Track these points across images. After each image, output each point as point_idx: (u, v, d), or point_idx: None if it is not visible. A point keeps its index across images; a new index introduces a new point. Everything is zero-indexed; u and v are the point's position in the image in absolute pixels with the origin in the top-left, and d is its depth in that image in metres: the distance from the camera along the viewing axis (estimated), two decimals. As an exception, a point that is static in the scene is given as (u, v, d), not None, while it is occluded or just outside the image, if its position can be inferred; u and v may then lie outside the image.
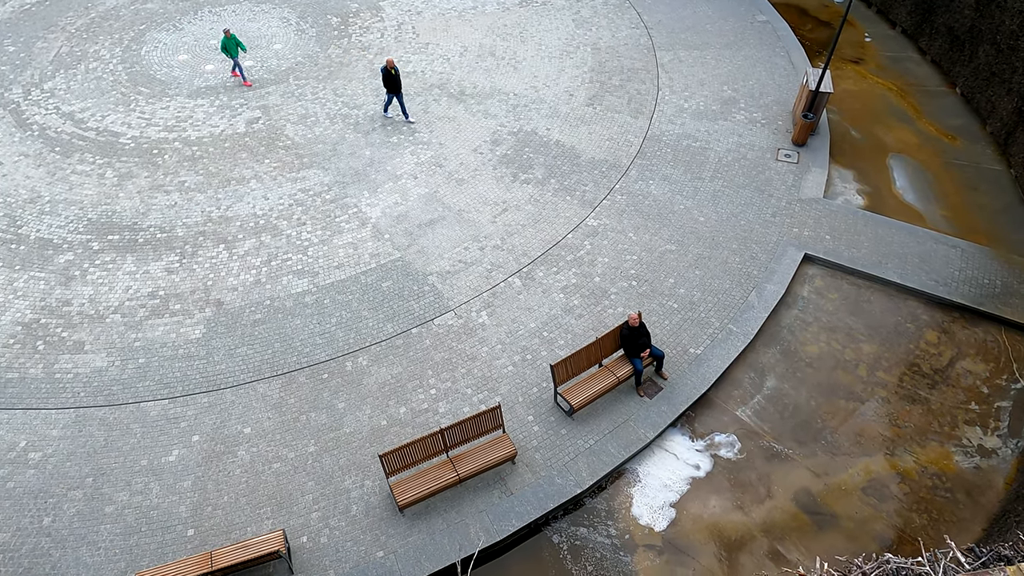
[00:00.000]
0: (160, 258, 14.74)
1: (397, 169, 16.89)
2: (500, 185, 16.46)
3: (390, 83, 17.27)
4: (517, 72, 20.07)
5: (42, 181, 16.59)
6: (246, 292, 14.03)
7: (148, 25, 22.08)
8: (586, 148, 17.48)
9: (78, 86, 19.53)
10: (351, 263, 14.61)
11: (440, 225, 15.46)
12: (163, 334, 13.26)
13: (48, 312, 13.67)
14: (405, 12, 22.72)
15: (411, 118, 18.17)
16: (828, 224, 15.31)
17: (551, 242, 15.08)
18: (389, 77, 17.15)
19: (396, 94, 17.53)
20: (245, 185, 16.46)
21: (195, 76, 19.90)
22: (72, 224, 15.51)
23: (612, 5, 23.07)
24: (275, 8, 22.91)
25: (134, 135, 17.88)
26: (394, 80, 17.19)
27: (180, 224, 15.50)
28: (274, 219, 15.61)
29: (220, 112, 18.61)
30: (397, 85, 17.29)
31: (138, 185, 16.47)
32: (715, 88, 19.36)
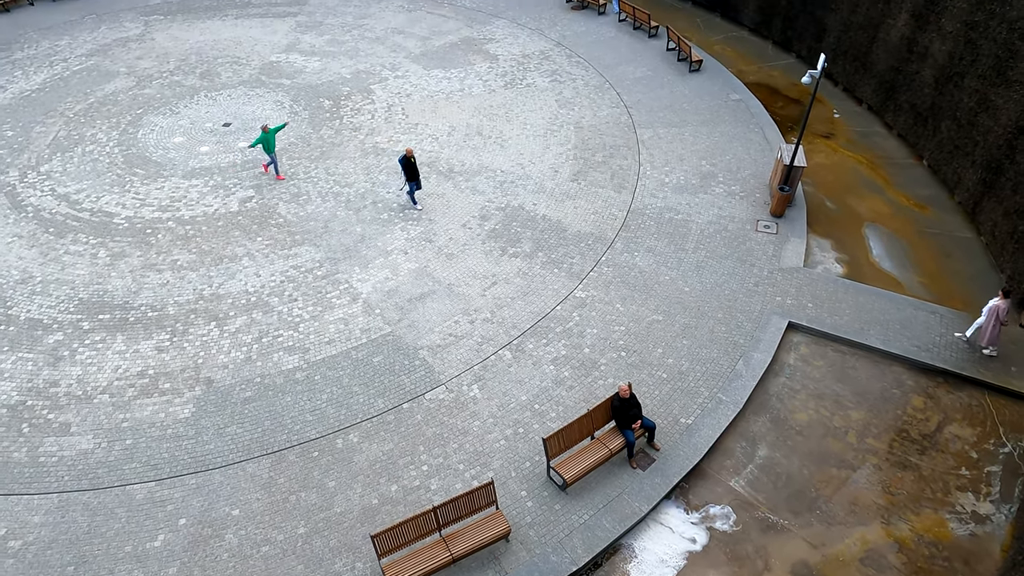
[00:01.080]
0: (151, 336, 14.76)
1: (388, 245, 17.24)
2: (489, 259, 16.80)
3: (410, 171, 17.52)
4: (504, 150, 20.81)
5: (34, 262, 16.73)
6: (236, 369, 14.01)
7: (145, 109, 22.80)
8: (572, 222, 17.98)
9: (74, 168, 19.97)
10: (342, 339, 14.70)
11: (431, 299, 15.68)
12: (151, 414, 13.14)
13: (35, 394, 13.54)
14: (395, 95, 23.68)
15: (418, 205, 18.44)
16: (810, 292, 15.70)
17: (540, 314, 15.30)
18: (409, 165, 17.42)
19: (415, 181, 17.78)
20: (237, 263, 16.68)
21: (190, 157, 20.44)
22: (63, 304, 15.56)
23: (593, 86, 24.20)
24: (269, 92, 23.79)
25: (128, 215, 18.19)
26: (413, 168, 17.51)
27: (172, 302, 15.60)
28: (266, 296, 15.77)
29: (214, 192, 19.04)
30: (416, 173, 17.61)
31: (131, 264, 16.64)
32: (694, 163, 20.14)
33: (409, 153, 17.28)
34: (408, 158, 17.35)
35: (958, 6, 18.35)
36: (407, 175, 17.64)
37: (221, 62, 25.75)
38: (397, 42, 27.28)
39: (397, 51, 26.58)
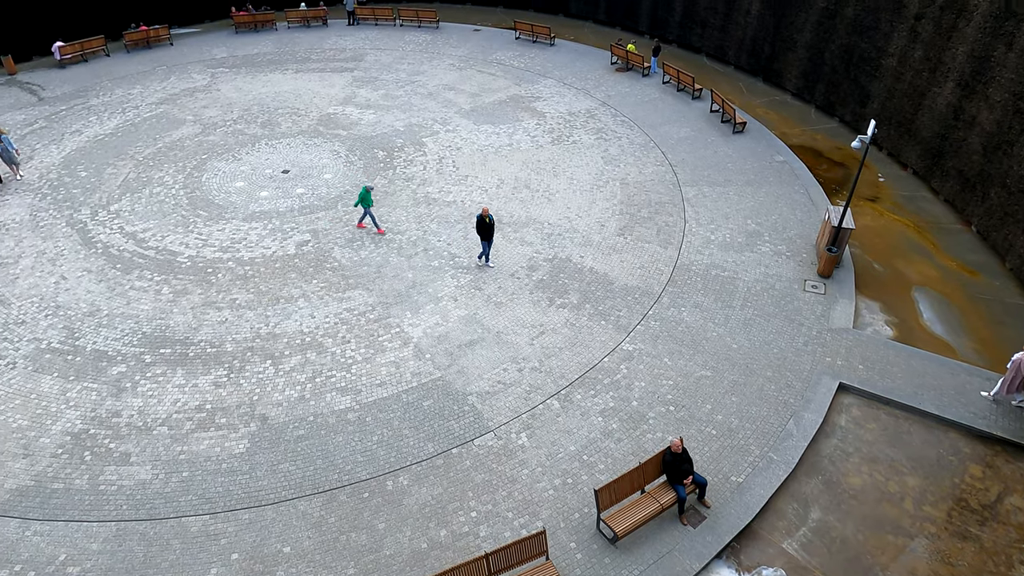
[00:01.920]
0: (209, 372, 15.22)
1: (438, 291, 17.65)
2: (537, 309, 17.08)
3: (484, 231, 17.67)
4: (551, 203, 21.33)
5: (102, 296, 17.47)
6: (290, 408, 14.33)
7: (209, 155, 23.96)
8: (619, 275, 18.24)
9: (142, 208, 20.97)
10: (393, 381, 14.98)
11: (480, 346, 15.94)
12: (208, 448, 13.45)
13: (97, 423, 13.99)
14: (446, 148, 24.54)
15: (490, 263, 18.50)
16: (860, 354, 15.60)
17: (588, 365, 15.43)
18: (483, 225, 17.55)
19: (488, 240, 17.90)
20: (293, 304, 17.21)
21: (250, 201, 21.34)
22: (127, 337, 16.17)
23: (638, 145, 24.81)
24: (326, 142, 24.86)
25: (191, 255, 18.97)
26: (488, 228, 17.62)
27: (230, 339, 16.10)
28: (320, 337, 16.19)
29: (272, 235, 19.79)
30: (490, 233, 17.75)
31: (192, 301, 17.28)
32: (739, 221, 20.39)
33: (485, 213, 17.42)
34: (483, 218, 17.49)
35: (1006, 76, 18.62)
36: (481, 234, 17.79)
37: (281, 113, 27.04)
38: (448, 98, 28.40)
39: (448, 106, 27.65)
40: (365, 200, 19.23)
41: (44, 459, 13.21)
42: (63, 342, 16.01)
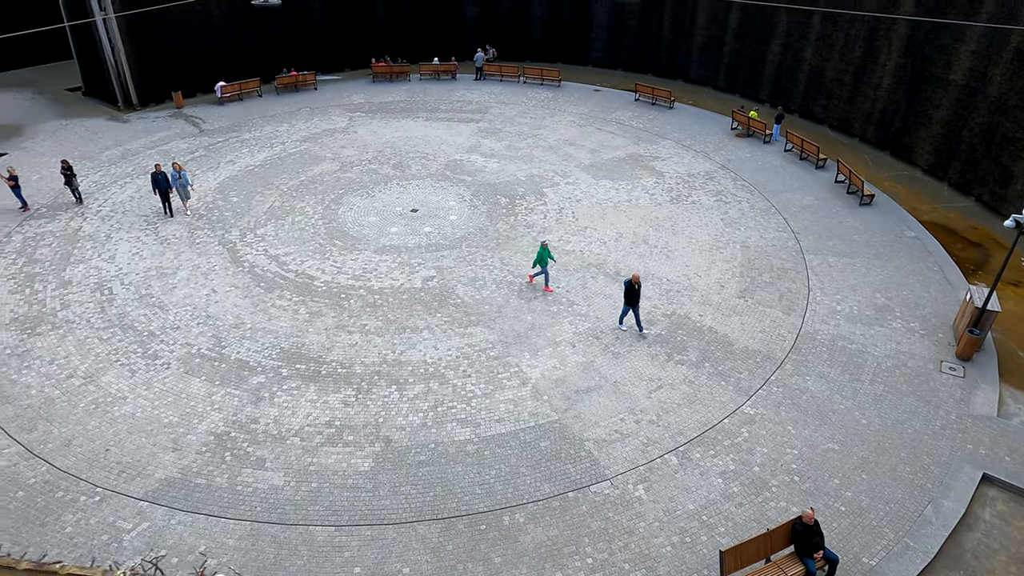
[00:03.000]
0: (339, 391, 16.04)
1: (556, 336, 17.96)
2: (655, 363, 17.04)
3: (631, 296, 17.41)
4: (669, 260, 21.42)
5: (246, 310, 18.88)
6: (413, 433, 14.84)
7: (346, 190, 25.70)
8: (739, 337, 17.97)
9: (284, 234, 22.66)
10: (511, 419, 15.26)
11: (596, 394, 16.03)
12: (335, 462, 14.10)
13: (238, 427, 14.98)
14: (565, 199, 25.25)
15: (644, 330, 18.03)
16: (1006, 445, 14.57)
17: (707, 424, 15.18)
18: (632, 291, 17.30)
19: (634, 307, 17.64)
20: (418, 334, 17.97)
21: (381, 236, 22.63)
22: (267, 350, 17.34)
23: (759, 209, 24.63)
24: (452, 186, 26.14)
25: (326, 280, 20.24)
26: (635, 294, 17.35)
27: (359, 362, 16.96)
28: (442, 368, 16.78)
29: (400, 268, 20.85)
30: (637, 298, 17.47)
31: (326, 323, 18.37)
32: (867, 294, 19.72)
33: (636, 279, 17.20)
34: (633, 284, 17.24)
35: None
36: (627, 299, 17.53)
37: (412, 156, 28.73)
38: (568, 152, 29.32)
39: (568, 160, 28.52)
40: (543, 258, 19.11)
41: (190, 455, 14.24)
42: (211, 349, 17.36)
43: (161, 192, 23.16)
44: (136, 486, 13.48)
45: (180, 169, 23.26)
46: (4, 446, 14.40)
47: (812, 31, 32.19)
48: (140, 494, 13.29)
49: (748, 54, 35.60)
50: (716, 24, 36.59)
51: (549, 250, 19.54)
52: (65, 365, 16.77)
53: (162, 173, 22.96)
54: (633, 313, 17.90)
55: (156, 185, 23.01)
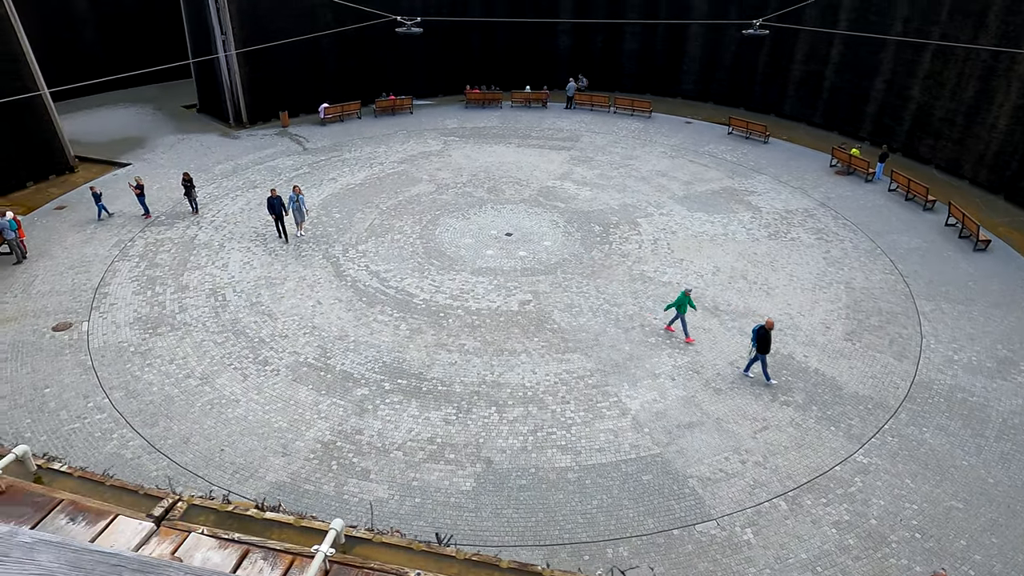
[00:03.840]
0: (440, 408, 16.26)
1: (655, 368, 17.71)
2: (759, 402, 16.55)
3: (764, 343, 16.58)
4: (770, 297, 20.87)
5: (350, 323, 19.46)
6: (514, 456, 14.85)
7: (442, 212, 26.30)
8: (847, 381, 17.26)
9: (384, 251, 23.34)
10: (611, 449, 15.07)
11: (699, 430, 15.67)
12: (438, 479, 14.24)
13: (343, 437, 15.36)
14: (660, 230, 25.05)
15: (772, 380, 17.09)
16: None
17: (816, 471, 14.57)
18: (765, 338, 16.52)
19: (765, 354, 16.83)
20: (516, 357, 18.07)
21: (477, 257, 22.99)
22: (370, 364, 17.78)
23: (863, 250, 23.76)
24: (546, 212, 26.37)
25: (425, 298, 20.68)
26: (769, 341, 16.60)
27: (458, 381, 17.17)
28: (540, 393, 16.79)
29: (497, 291, 21.09)
30: (769, 346, 16.71)
31: (425, 340, 18.72)
32: (987, 345, 18.64)
33: (770, 325, 16.50)
34: (767, 329, 16.47)
35: None
36: (759, 346, 16.62)
37: (505, 181, 29.19)
38: (661, 183, 29.16)
39: (661, 191, 28.36)
40: (682, 305, 18.14)
41: (299, 460, 14.68)
42: (317, 359, 17.94)
43: (276, 216, 23.37)
44: (249, 487, 13.97)
45: (299, 192, 23.63)
46: (129, 439, 15.23)
47: (921, 68, 31.12)
48: (253, 495, 13.76)
49: (849, 90, 34.69)
50: (816, 59, 35.87)
51: (691, 299, 18.37)
52: (183, 365, 17.66)
53: (277, 198, 23.12)
54: (761, 361, 16.99)
55: (272, 209, 23.21)
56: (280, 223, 23.68)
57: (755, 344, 16.69)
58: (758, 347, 16.70)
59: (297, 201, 23.58)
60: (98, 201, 24.88)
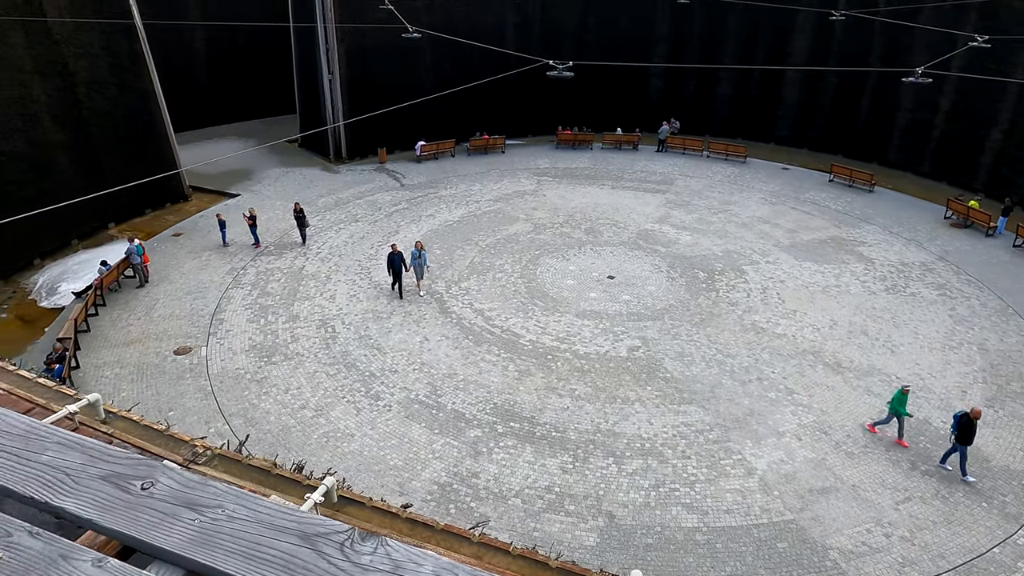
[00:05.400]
0: (555, 455, 15.81)
1: (779, 425, 16.82)
2: (897, 470, 15.42)
3: (966, 434, 14.74)
4: (895, 356, 19.69)
5: (458, 361, 19.36)
6: (637, 512, 14.21)
7: (541, 251, 26.21)
8: (995, 453, 15.93)
9: (487, 289, 23.32)
10: (740, 511, 14.25)
11: (833, 496, 14.66)
12: (560, 531, 13.72)
13: (459, 479, 15.07)
14: (768, 279, 24.19)
15: (970, 478, 15.04)
16: None
17: (972, 552, 13.35)
18: (969, 428, 14.69)
19: (966, 446, 14.92)
20: (630, 406, 17.51)
21: (580, 300, 22.67)
22: (480, 404, 17.55)
23: (993, 309, 22.26)
24: (647, 256, 25.93)
25: (531, 339, 20.43)
26: (973, 431, 14.75)
27: (572, 428, 16.71)
28: (659, 445, 16.14)
29: (604, 335, 20.66)
30: (972, 437, 14.79)
31: (535, 383, 18.40)
32: None
33: (976, 414, 14.73)
34: (972, 419, 14.68)
35: None
36: (960, 435, 14.78)
37: (602, 223, 28.96)
38: (764, 230, 28.32)
39: (765, 238, 27.52)
40: (899, 404, 15.89)
41: (416, 501, 14.41)
42: (428, 396, 17.84)
43: (395, 272, 22.12)
44: (369, 526, 13.77)
45: (422, 249, 22.42)
46: (250, 467, 15.33)
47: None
48: (373, 534, 13.53)
49: (961, 139, 33.16)
50: (924, 106, 34.52)
51: (907, 398, 15.93)
52: (298, 395, 17.86)
53: (399, 254, 22.01)
54: (960, 454, 15.01)
55: (391, 265, 22.08)
56: (398, 280, 22.37)
57: (955, 432, 14.98)
58: (958, 437, 14.87)
59: (420, 258, 22.27)
60: (223, 228, 25.90)
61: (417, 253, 22.31)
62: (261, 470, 5.16)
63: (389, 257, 22.28)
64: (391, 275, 22.47)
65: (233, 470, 5.09)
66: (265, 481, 5.07)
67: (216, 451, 5.19)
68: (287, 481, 5.12)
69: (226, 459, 5.23)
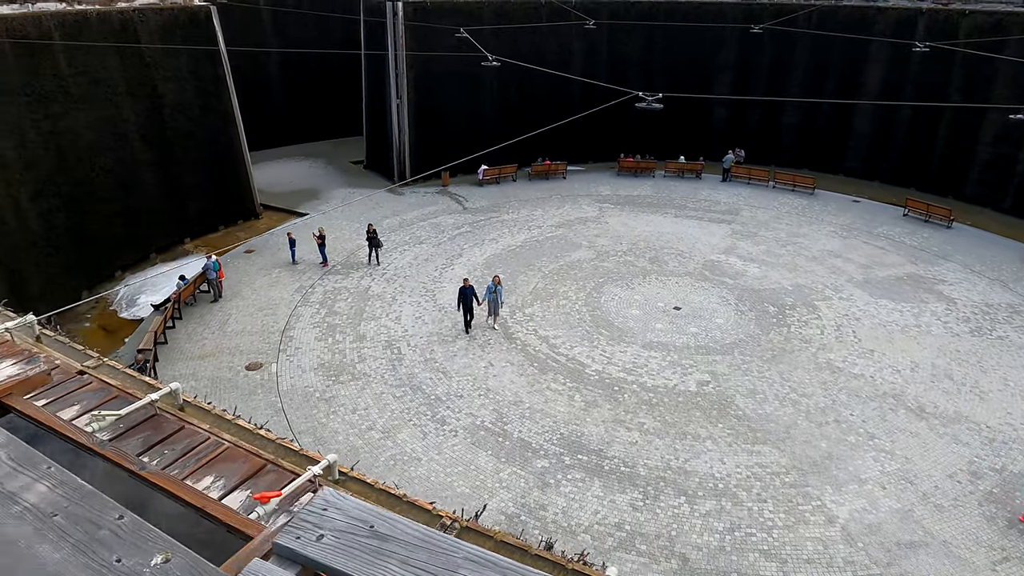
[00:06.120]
0: (624, 491, 15.42)
1: (860, 472, 16.05)
2: (992, 526, 14.49)
3: None
4: (984, 403, 18.65)
5: (523, 389, 19.21)
6: (711, 556, 13.70)
7: (605, 279, 25.97)
8: (1101, 514, 14.82)
9: (551, 316, 23.17)
10: (822, 561, 13.58)
11: (923, 552, 13.85)
12: (632, 572, 13.31)
13: (527, 511, 14.83)
14: (842, 316, 23.35)
15: None
16: None
17: (1081, 622, 12.37)
18: None
19: None
20: (700, 443, 17.01)
21: (647, 331, 22.30)
22: (547, 434, 17.32)
23: (1090, 356, 20.94)
24: (714, 288, 25.39)
25: (597, 369, 20.14)
26: None
27: (642, 463, 16.31)
28: (732, 486, 15.58)
29: (671, 368, 20.22)
30: None
31: (602, 415, 18.08)
32: None
33: None
34: None
35: None
36: None
37: (666, 252, 28.57)
38: (835, 265, 27.45)
39: (837, 273, 26.65)
40: None
41: (484, 531, 14.23)
42: (494, 423, 17.72)
43: (466, 307, 21.37)
44: (437, 554, 13.62)
45: (499, 284, 21.72)
46: (319, 487, 15.43)
47: None
48: (441, 563, 13.39)
49: (1048, 176, 31.67)
50: (1008, 141, 33.13)
51: None
52: (365, 416, 17.97)
53: (471, 288, 21.36)
54: None
55: (463, 300, 21.34)
56: (469, 315, 21.60)
57: None
58: None
59: (495, 292, 21.53)
60: (292, 247, 26.58)
61: (493, 288, 21.51)
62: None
63: (460, 291, 21.47)
64: (460, 309, 21.63)
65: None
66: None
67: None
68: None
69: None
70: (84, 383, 4.97)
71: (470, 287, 21.53)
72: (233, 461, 4.55)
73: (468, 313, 21.58)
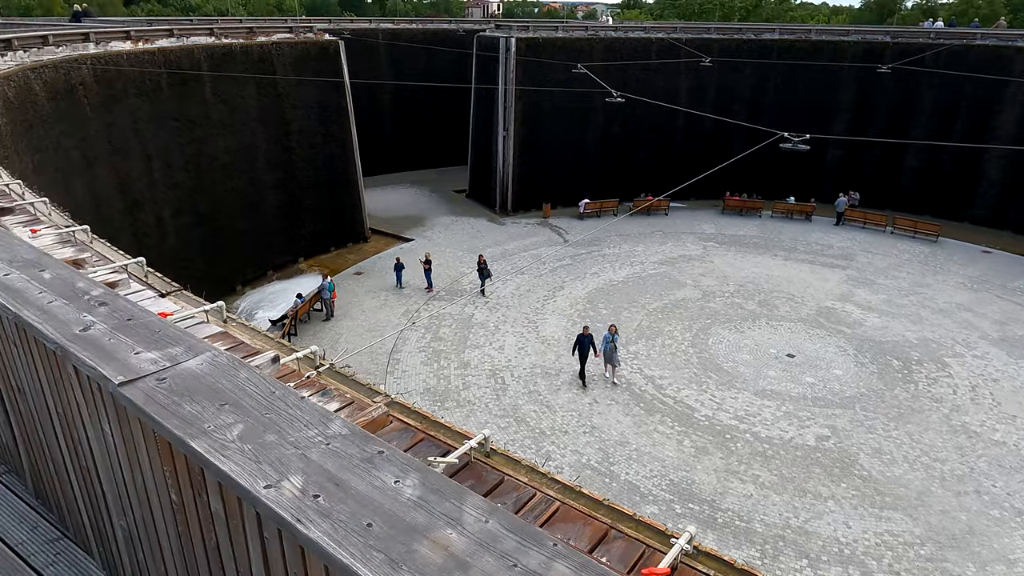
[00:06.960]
0: (740, 547, 14.62)
1: (1008, 551, 14.58)
2: None
3: None
4: None
5: (629, 429, 18.74)
6: (840, 628, 12.72)
7: (712, 321, 25.18)
8: None
9: (656, 356, 22.62)
10: (968, 649, 12.32)
11: (1089, 651, 12.33)
12: (751, 636, 12.51)
13: (637, 558, 14.28)
14: (977, 374, 21.58)
15: None
16: None
17: None
18: None
19: None
20: (822, 503, 15.97)
21: (759, 377, 21.35)
22: (655, 479, 16.76)
23: None
24: (829, 336, 24.10)
25: (707, 414, 19.41)
26: None
27: (758, 519, 15.46)
28: (859, 553, 14.48)
29: (787, 418, 19.22)
30: None
31: (714, 463, 17.34)
32: None
33: None
34: None
35: None
36: None
37: (777, 296, 27.45)
38: (966, 319, 25.51)
39: (968, 329, 24.73)
40: None
41: None
42: (600, 463, 17.32)
43: (582, 355, 20.25)
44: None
45: (615, 332, 20.40)
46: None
47: None
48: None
49: None
50: None
51: None
52: (470, 445, 17.95)
53: (589, 336, 20.21)
54: None
55: (580, 349, 20.26)
56: (585, 364, 20.47)
57: None
58: None
59: (612, 342, 20.13)
60: (399, 271, 27.36)
61: (610, 337, 20.16)
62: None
63: (578, 339, 20.37)
64: (576, 356, 20.57)
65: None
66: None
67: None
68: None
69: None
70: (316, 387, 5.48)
71: (589, 336, 20.30)
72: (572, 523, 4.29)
73: (584, 361, 20.45)
